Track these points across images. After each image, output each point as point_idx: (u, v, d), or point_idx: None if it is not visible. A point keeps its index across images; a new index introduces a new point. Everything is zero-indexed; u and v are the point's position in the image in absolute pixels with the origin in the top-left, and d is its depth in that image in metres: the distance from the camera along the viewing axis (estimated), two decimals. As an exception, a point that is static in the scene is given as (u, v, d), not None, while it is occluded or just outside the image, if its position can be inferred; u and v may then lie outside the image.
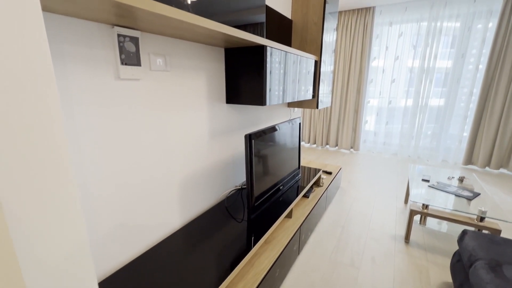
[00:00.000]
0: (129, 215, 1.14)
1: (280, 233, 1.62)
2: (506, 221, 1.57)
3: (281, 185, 1.83)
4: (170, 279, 1.03)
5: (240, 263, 1.15)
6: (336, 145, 4.63)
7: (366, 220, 2.24)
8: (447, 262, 1.72)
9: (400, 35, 3.84)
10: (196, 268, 1.10)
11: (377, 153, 4.36)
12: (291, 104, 2.57)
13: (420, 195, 1.93)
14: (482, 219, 1.66)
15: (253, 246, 1.26)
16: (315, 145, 4.82)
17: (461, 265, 1.38)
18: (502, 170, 3.52)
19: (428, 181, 2.18)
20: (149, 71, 1.14)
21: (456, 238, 1.98)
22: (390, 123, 4.24)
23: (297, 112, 2.88)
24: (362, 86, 4.14)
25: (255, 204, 1.53)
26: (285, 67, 1.69)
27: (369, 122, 4.40)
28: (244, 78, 1.54)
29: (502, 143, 3.38)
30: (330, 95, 2.81)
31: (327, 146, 4.75)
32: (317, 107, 2.42)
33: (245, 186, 1.94)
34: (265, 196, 1.63)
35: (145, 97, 1.14)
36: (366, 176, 3.29)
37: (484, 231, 1.69)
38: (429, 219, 2.23)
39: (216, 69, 1.54)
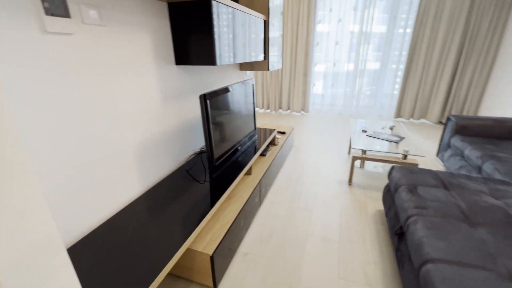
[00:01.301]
0: (83, 185, 1.08)
1: (241, 188, 1.72)
2: (422, 156, 1.94)
3: (239, 146, 1.90)
4: (138, 241, 1.05)
5: (206, 216, 1.22)
6: (288, 108, 4.85)
7: (316, 171, 2.50)
8: (381, 194, 2.08)
9: (341, -3, 3.98)
10: (163, 228, 1.13)
11: (324, 114, 4.73)
12: (243, 67, 2.56)
13: (359, 142, 2.22)
14: (405, 157, 2.02)
15: (217, 201, 1.34)
16: (269, 110, 4.97)
17: (389, 194, 1.70)
18: (422, 120, 4.20)
19: (366, 131, 2.50)
20: (82, 25, 1.01)
21: (387, 175, 2.38)
22: (335, 86, 4.56)
23: (250, 75, 2.89)
24: (309, 50, 4.28)
25: (216, 164, 1.58)
26: (234, 25, 1.65)
27: (317, 85, 4.67)
28: (192, 36, 1.47)
29: (422, 99, 3.99)
30: (281, 58, 2.87)
31: (280, 110, 4.94)
32: (268, 69, 2.46)
33: (204, 149, 1.96)
34: (224, 156, 1.68)
35: (83, 56, 1.02)
36: (316, 134, 3.59)
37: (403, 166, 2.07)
38: (367, 162, 2.62)
39: (161, 26, 1.43)
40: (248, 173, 1.91)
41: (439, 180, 1.48)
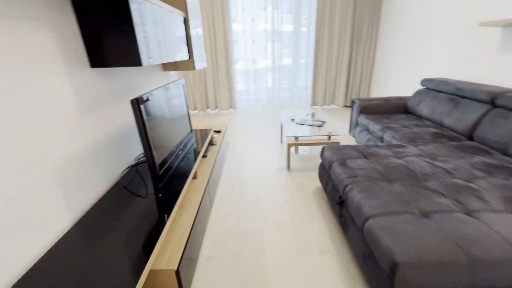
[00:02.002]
0: (-11, 229, 0.82)
1: (191, 194, 1.65)
2: (342, 135, 2.30)
3: (179, 150, 1.80)
4: (81, 283, 0.88)
5: (163, 231, 1.12)
6: (216, 107, 4.83)
7: (257, 163, 2.61)
8: (317, 173, 2.35)
9: (252, -3, 4.19)
10: (113, 259, 0.98)
11: (251, 109, 4.93)
12: (166, 67, 2.40)
13: (291, 130, 2.44)
14: (329, 137, 2.34)
15: (171, 212, 1.24)
16: (196, 111, 4.82)
17: (324, 171, 1.94)
18: (332, 105, 4.91)
19: (294, 120, 2.76)
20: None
21: (318, 156, 2.71)
22: (257, 82, 4.81)
23: (174, 75, 2.74)
24: (228, 48, 4.35)
25: (160, 173, 1.45)
26: (156, 21, 1.53)
27: (241, 82, 4.81)
28: (107, 34, 1.28)
29: (329, 88, 4.66)
30: (205, 55, 2.82)
31: (208, 110, 4.87)
32: (195, 68, 2.39)
33: (140, 160, 1.77)
34: (167, 164, 1.56)
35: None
36: (248, 129, 3.72)
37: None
38: (300, 148, 2.90)
39: (66, 23, 1.19)
40: (194, 177, 1.83)
41: (360, 152, 1.79)
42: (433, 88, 2.58)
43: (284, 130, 2.51)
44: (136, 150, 1.84)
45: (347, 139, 3.16)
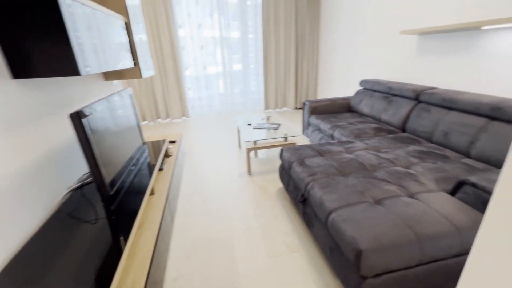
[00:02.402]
0: None
1: (150, 211, 1.52)
2: (297, 136, 2.41)
3: (132, 165, 1.65)
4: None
5: (121, 259, 1.00)
6: (168, 116, 4.60)
7: (217, 170, 2.56)
8: (277, 175, 2.41)
9: (197, 3, 4.14)
10: (64, 293, 0.84)
11: (205, 115, 4.83)
12: (109, 76, 2.19)
13: (250, 135, 2.46)
14: (286, 139, 2.43)
15: (129, 236, 1.12)
16: (146, 122, 4.51)
17: (285, 172, 2.00)
18: (284, 108, 5.12)
19: (250, 125, 2.79)
20: None
21: (277, 158, 2.78)
22: (209, 88, 4.74)
23: (117, 85, 2.51)
24: (176, 54, 4.20)
25: (112, 194, 1.30)
26: (91, 24, 1.38)
27: (192, 89, 4.68)
28: (33, 40, 1.11)
29: (280, 91, 4.86)
30: (151, 63, 2.66)
31: (159, 119, 4.60)
32: (141, 76, 2.23)
33: (85, 182, 1.56)
34: (119, 182, 1.41)
35: None
36: (204, 136, 3.62)
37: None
38: (259, 151, 2.93)
39: (-26, 25, 0.99)
40: (152, 193, 1.69)
41: (315, 151, 1.90)
42: (370, 88, 2.90)
43: (242, 135, 2.51)
44: (79, 171, 1.62)
45: (302, 139, 3.33)
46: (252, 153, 2.91)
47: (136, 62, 2.16)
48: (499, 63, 1.80)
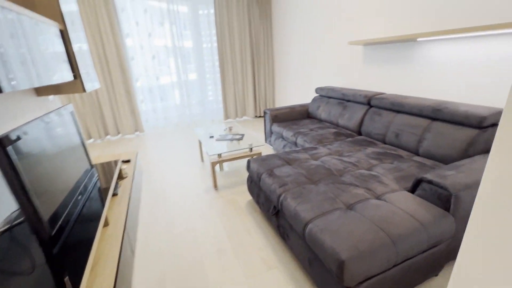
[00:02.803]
0: None
1: (105, 247, 1.30)
2: (262, 145, 2.38)
3: (79, 194, 1.40)
4: None
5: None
6: (119, 132, 4.18)
7: (179, 188, 2.38)
8: (245, 187, 2.33)
9: (146, 11, 3.90)
10: None
11: (161, 128, 4.53)
12: (44, 91, 1.87)
13: (213, 148, 2.34)
14: (251, 149, 2.38)
15: (81, 283, 0.93)
16: (92, 140, 4.02)
17: (254, 184, 1.94)
18: (244, 117, 5.11)
19: (213, 137, 2.68)
20: None
21: (244, 169, 2.71)
22: (164, 99, 4.47)
23: (56, 102, 2.18)
24: (125, 65, 3.87)
25: (53, 233, 1.07)
26: (17, 31, 1.15)
27: (145, 101, 4.36)
28: None
29: (239, 100, 4.84)
30: (95, 75, 2.38)
31: (108, 136, 4.15)
32: (85, 90, 1.97)
33: (14, 223, 1.27)
34: (62, 217, 1.18)
35: None
36: (162, 151, 3.37)
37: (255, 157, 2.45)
38: (224, 164, 2.82)
39: None
40: (106, 224, 1.46)
41: (283, 160, 1.89)
42: (325, 95, 3.05)
43: (205, 148, 2.39)
44: (3, 210, 1.32)
45: (266, 148, 3.32)
46: (217, 167, 2.79)
47: (76, 75, 1.89)
48: (433, 70, 2.05)
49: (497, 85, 1.67)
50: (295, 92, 4.29)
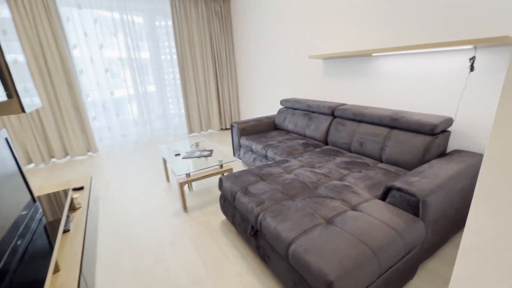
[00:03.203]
0: None
1: (54, 301, 1.08)
2: (233, 161, 2.31)
3: (18, 239, 1.16)
4: None
5: None
6: (67, 154, 3.71)
7: (145, 214, 2.16)
8: (218, 206, 2.21)
9: (96, 21, 3.60)
10: None
11: (119, 147, 4.15)
12: (-34, 114, 1.55)
13: (181, 167, 2.19)
14: (222, 166, 2.29)
15: None
16: (33, 165, 3.49)
17: (227, 203, 1.84)
18: (209, 130, 4.97)
19: (179, 154, 2.52)
20: None
21: (215, 187, 2.58)
22: (121, 114, 4.12)
23: (-16, 124, 1.82)
24: (72, 79, 3.49)
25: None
26: None
27: (98, 118, 3.96)
28: None
29: (204, 113, 4.71)
30: (36, 91, 2.07)
31: (53, 159, 3.65)
32: (24, 110, 1.69)
33: None
34: (-4, 272, 0.95)
35: None
36: (120, 173, 3.06)
37: (226, 173, 2.36)
38: (193, 183, 2.66)
39: None
40: (56, 269, 1.23)
41: (256, 175, 1.84)
42: (291, 107, 3.12)
43: (172, 167, 2.22)
44: None
45: (237, 163, 3.24)
46: (186, 187, 2.62)
47: (10, 93, 1.61)
48: (387, 82, 2.23)
49: (443, 96, 1.87)
50: (260, 104, 4.32)
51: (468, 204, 1.59)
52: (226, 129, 5.06)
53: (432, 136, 1.75)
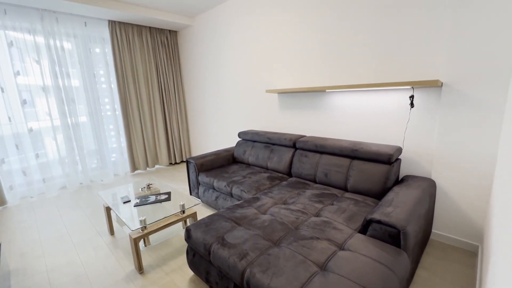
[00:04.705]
0: None
1: None
2: (198, 203, 2.06)
3: None
4: None
5: None
6: (-45, 212, 2.74)
7: (83, 283, 1.67)
8: (182, 261, 1.88)
9: (11, 44, 2.99)
10: None
11: (38, 195, 3.32)
12: None
13: (134, 219, 1.83)
14: (184, 211, 2.00)
15: None
16: None
17: (199, 257, 1.58)
18: (156, 166, 4.49)
19: (129, 201, 2.12)
20: None
21: (175, 237, 2.22)
22: (42, 154, 3.37)
23: None
24: (-29, 113, 2.72)
25: None
26: None
27: (8, 161, 3.13)
28: None
29: (150, 149, 4.26)
30: None
31: None
32: None
33: None
34: None
35: None
36: (42, 231, 2.39)
37: (189, 219, 2.08)
38: (151, 236, 2.23)
39: None
40: None
41: (229, 220, 1.65)
42: (250, 139, 3.08)
43: (123, 219, 1.83)
44: None
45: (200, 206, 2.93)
46: (141, 242, 2.18)
47: None
48: (341, 115, 2.42)
49: (392, 127, 2.10)
50: (213, 136, 4.18)
51: (428, 226, 1.74)
52: (176, 163, 4.67)
53: (390, 165, 1.91)
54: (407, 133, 2.02)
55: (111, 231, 2.30)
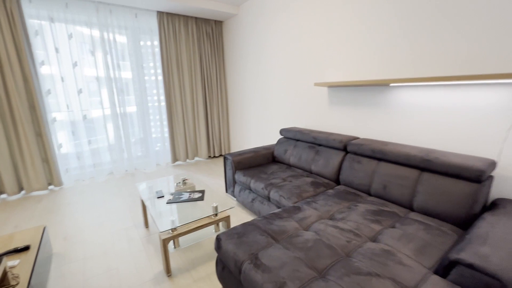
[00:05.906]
0: None
1: None
2: (231, 207, 1.88)
3: None
4: None
5: None
6: (21, 189, 3.07)
7: (113, 278, 1.62)
8: (212, 268, 1.73)
9: (71, 36, 3.18)
10: None
11: (89, 179, 3.55)
12: None
13: (164, 219, 1.72)
14: (216, 214, 1.84)
15: None
16: (-26, 203, 2.81)
17: (228, 272, 1.39)
18: (196, 158, 4.51)
19: (163, 196, 2.05)
20: None
21: (207, 239, 2.09)
22: (94, 142, 3.58)
23: None
24: (36, 100, 2.97)
25: None
26: None
27: (65, 145, 3.39)
28: None
29: (190, 140, 4.26)
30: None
31: (4, 195, 2.99)
32: None
33: None
34: None
35: None
36: (86, 216, 2.49)
37: (222, 225, 1.91)
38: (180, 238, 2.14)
39: None
40: None
41: (265, 233, 1.42)
42: (292, 137, 2.79)
43: (153, 217, 1.75)
44: None
45: (225, 200, 2.78)
46: (170, 243, 2.10)
47: None
48: (408, 116, 1.97)
49: (481, 134, 1.61)
50: (253, 132, 3.98)
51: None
52: (215, 157, 4.62)
53: (479, 183, 1.45)
54: (508, 143, 1.52)
55: (146, 224, 2.27)
